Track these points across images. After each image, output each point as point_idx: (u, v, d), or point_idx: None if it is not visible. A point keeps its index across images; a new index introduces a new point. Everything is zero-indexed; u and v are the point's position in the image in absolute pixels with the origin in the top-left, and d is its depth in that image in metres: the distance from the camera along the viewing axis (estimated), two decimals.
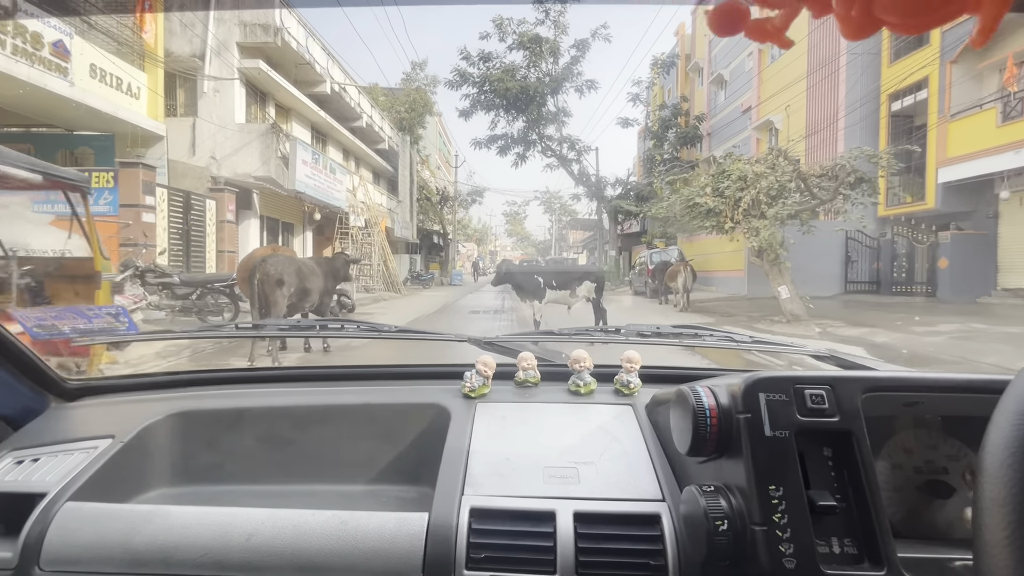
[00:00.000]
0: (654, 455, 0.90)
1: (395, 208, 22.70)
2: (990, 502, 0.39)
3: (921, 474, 0.76)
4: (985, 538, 0.39)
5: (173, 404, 1.10)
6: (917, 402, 0.74)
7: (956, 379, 0.71)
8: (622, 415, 1.02)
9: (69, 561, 0.78)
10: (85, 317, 1.38)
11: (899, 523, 0.74)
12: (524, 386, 1.14)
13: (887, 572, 0.62)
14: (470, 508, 0.80)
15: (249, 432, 1.08)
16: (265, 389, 1.22)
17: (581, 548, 0.75)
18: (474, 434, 0.96)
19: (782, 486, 0.66)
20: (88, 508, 0.83)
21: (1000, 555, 0.37)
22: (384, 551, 0.76)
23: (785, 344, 1.39)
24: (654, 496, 0.82)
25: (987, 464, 0.40)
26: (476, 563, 0.75)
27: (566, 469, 0.88)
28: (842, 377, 0.73)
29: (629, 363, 1.10)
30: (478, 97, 21.44)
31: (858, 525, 0.66)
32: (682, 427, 0.75)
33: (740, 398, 0.70)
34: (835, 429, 0.69)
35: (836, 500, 0.66)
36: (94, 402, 1.16)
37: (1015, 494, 0.37)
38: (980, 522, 0.39)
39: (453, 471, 0.87)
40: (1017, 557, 0.36)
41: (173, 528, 0.80)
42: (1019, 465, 0.38)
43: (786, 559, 0.62)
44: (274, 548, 0.77)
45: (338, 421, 1.09)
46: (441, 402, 1.07)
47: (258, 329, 1.74)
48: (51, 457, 0.94)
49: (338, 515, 0.81)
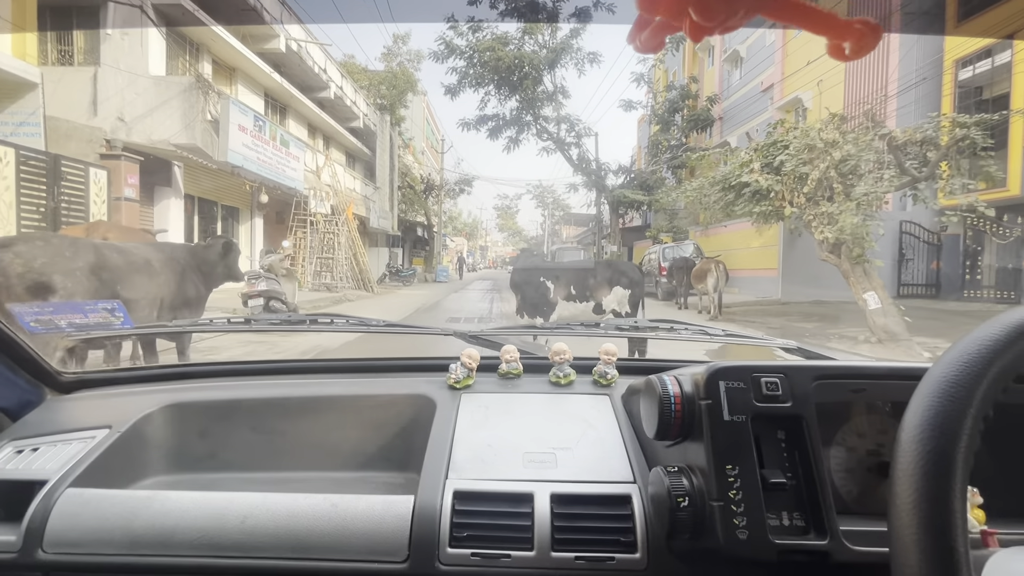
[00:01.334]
0: (627, 441, 0.95)
1: (372, 196, 20.13)
2: (901, 472, 0.43)
3: (872, 456, 0.80)
4: (896, 503, 0.43)
5: (168, 396, 1.12)
6: (863, 389, 0.80)
7: (896, 367, 0.79)
8: (599, 404, 1.06)
9: (71, 544, 0.81)
10: (81, 312, 1.35)
11: (852, 502, 0.78)
12: (507, 377, 1.17)
13: (829, 541, 0.67)
14: (454, 491, 0.83)
15: (242, 422, 1.10)
16: (257, 381, 1.23)
17: (557, 527, 0.79)
18: (458, 423, 1.00)
19: (738, 465, 0.70)
20: (89, 494, 0.86)
21: (908, 518, 0.41)
22: (372, 531, 0.80)
23: (757, 337, 1.49)
24: (626, 479, 0.87)
25: (902, 440, 0.45)
26: (459, 541, 0.79)
27: (544, 454, 0.92)
28: (795, 366, 0.78)
29: (607, 355, 1.13)
30: (466, 71, 18.87)
31: (806, 501, 0.71)
32: (650, 413, 0.78)
33: (702, 386, 0.75)
34: (788, 414, 0.74)
35: (787, 478, 0.71)
36: (90, 394, 1.18)
37: (921, 465, 0.42)
38: (893, 490, 0.44)
39: (438, 457, 0.91)
40: (920, 519, 0.41)
41: (171, 512, 0.83)
42: (926, 440, 0.42)
43: (739, 531, 0.67)
44: (268, 530, 0.80)
45: (328, 411, 1.12)
46: (427, 393, 1.10)
47: (248, 323, 1.59)
48: (50, 446, 0.96)
49: (328, 498, 0.84)
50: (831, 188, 7.12)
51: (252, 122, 10.40)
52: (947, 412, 0.43)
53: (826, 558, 0.67)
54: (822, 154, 7.11)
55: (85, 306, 1.38)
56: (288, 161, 12.17)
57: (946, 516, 0.40)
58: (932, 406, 0.44)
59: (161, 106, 9.25)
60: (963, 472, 0.41)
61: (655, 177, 21.26)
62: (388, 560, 0.79)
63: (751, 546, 0.67)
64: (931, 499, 0.41)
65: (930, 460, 0.42)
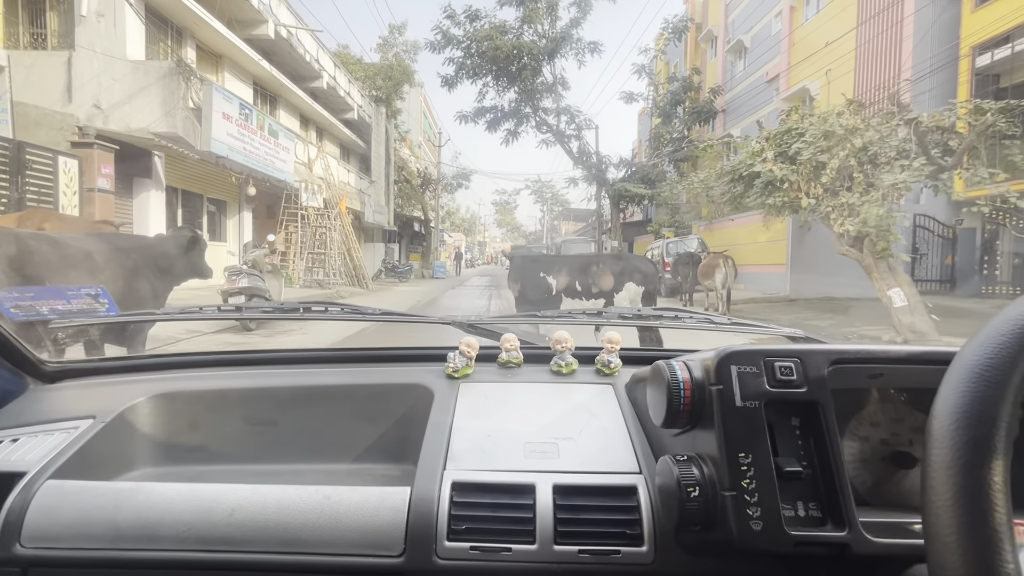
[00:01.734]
0: (632, 430, 0.92)
1: (367, 190, 19.64)
2: (937, 466, 0.40)
3: (887, 446, 0.76)
4: (932, 499, 0.40)
5: (155, 386, 1.08)
6: (880, 374, 0.75)
7: (915, 351, 0.72)
8: (602, 393, 1.03)
9: (51, 538, 0.77)
10: (64, 298, 1.31)
11: (866, 492, 0.75)
12: (507, 367, 1.14)
13: (848, 532, 0.63)
14: (452, 482, 0.80)
15: (232, 412, 1.07)
16: (248, 371, 1.19)
17: (560, 519, 0.76)
18: (457, 412, 0.97)
19: (751, 453, 0.66)
20: (70, 486, 0.82)
21: (946, 515, 0.38)
22: (366, 524, 0.77)
23: (762, 326, 1.40)
24: (631, 469, 0.84)
25: (934, 430, 0.41)
26: (457, 534, 0.75)
27: (546, 444, 0.89)
28: (810, 350, 0.73)
29: (610, 344, 1.10)
30: (464, 61, 18.33)
31: (822, 490, 0.67)
32: (657, 400, 0.75)
33: (713, 371, 0.71)
34: (803, 399, 0.69)
35: (802, 467, 0.67)
36: (74, 384, 1.13)
37: (959, 457, 0.39)
38: (928, 484, 0.41)
39: (436, 447, 0.88)
40: (961, 516, 0.38)
41: (156, 505, 0.80)
42: (963, 430, 0.39)
43: (753, 522, 0.63)
44: (257, 523, 0.77)
45: (322, 401, 1.08)
46: (425, 382, 1.07)
47: (239, 311, 1.57)
48: (31, 437, 0.92)
49: (321, 490, 0.81)
50: (851, 178, 6.68)
51: (237, 110, 9.90)
52: (983, 398, 0.39)
53: (845, 550, 0.63)
54: (841, 141, 6.66)
55: (67, 291, 1.32)
56: (277, 152, 11.67)
57: (989, 512, 0.37)
58: (966, 391, 0.40)
59: (140, 92, 8.75)
60: (1004, 463, 0.38)
61: (656, 171, 20.76)
62: (383, 554, 0.76)
63: (766, 538, 0.63)
64: (971, 494, 0.37)
65: (968, 451, 0.38)
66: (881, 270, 6.14)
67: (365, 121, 19.83)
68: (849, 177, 6.65)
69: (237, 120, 9.89)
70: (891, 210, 5.87)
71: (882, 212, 5.69)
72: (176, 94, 8.82)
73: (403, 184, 24.46)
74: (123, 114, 8.73)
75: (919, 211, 11.65)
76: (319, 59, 15.57)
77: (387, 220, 21.62)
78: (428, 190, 27.49)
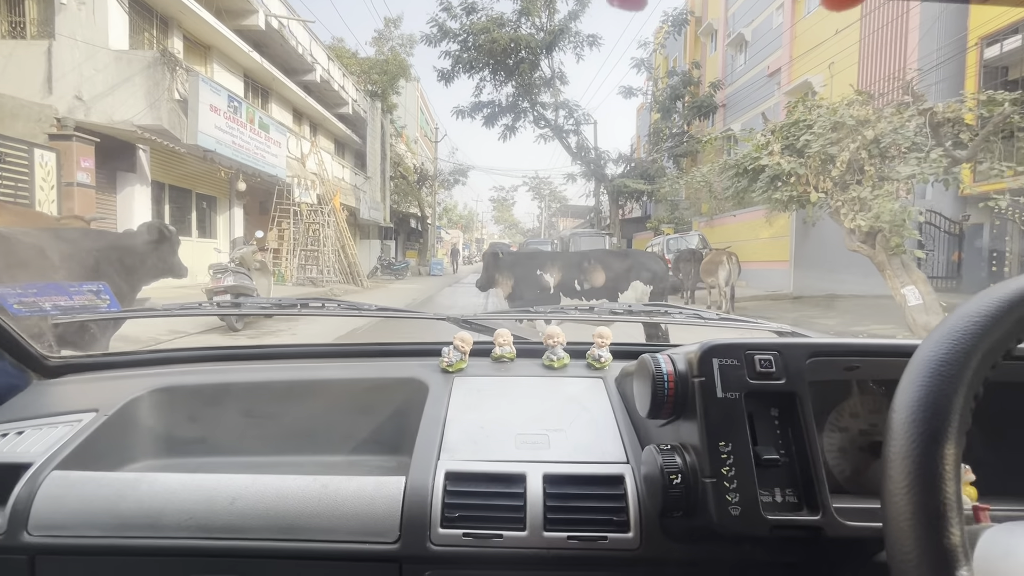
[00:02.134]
0: (621, 423, 0.94)
1: (363, 186, 19.31)
2: (893, 455, 0.42)
3: (865, 436, 0.79)
4: (889, 487, 0.42)
5: (156, 380, 1.09)
6: (857, 366, 0.78)
7: (890, 344, 0.77)
8: (592, 387, 1.05)
9: (57, 526, 0.79)
10: (66, 294, 1.32)
11: (844, 481, 0.77)
12: (500, 361, 1.16)
13: (822, 516, 0.66)
14: (445, 472, 0.82)
15: (232, 406, 1.09)
16: (246, 366, 1.21)
17: (549, 506, 0.78)
18: (451, 405, 0.99)
19: (731, 442, 0.68)
20: (75, 476, 0.84)
21: (902, 502, 0.41)
22: (363, 512, 0.79)
23: (752, 321, 1.40)
24: (619, 459, 0.86)
25: (893, 421, 0.43)
26: (451, 521, 0.78)
27: (537, 436, 0.91)
28: (789, 343, 0.76)
29: (600, 338, 1.12)
30: (460, 55, 18.00)
31: (799, 477, 0.69)
32: (643, 392, 0.77)
33: (696, 363, 0.73)
34: (781, 391, 0.72)
35: (780, 455, 0.69)
36: (76, 379, 1.15)
37: (914, 447, 0.41)
38: (886, 472, 0.43)
39: (430, 439, 0.90)
40: (915, 503, 0.40)
41: (159, 494, 0.81)
42: (918, 422, 0.41)
43: (732, 507, 0.66)
44: (257, 511, 0.79)
45: (319, 395, 1.10)
46: (419, 376, 1.09)
47: (237, 307, 1.54)
48: (35, 430, 0.94)
49: (319, 479, 0.83)
50: (862, 171, 6.42)
51: (226, 102, 9.58)
52: (938, 391, 0.42)
53: (818, 533, 0.66)
54: (852, 133, 6.40)
55: (69, 287, 1.34)
56: (268, 146, 11.35)
57: (940, 499, 0.40)
58: (923, 385, 0.42)
59: (123, 83, 8.43)
60: (956, 452, 0.40)
61: (656, 166, 20.49)
62: (379, 540, 0.78)
63: (744, 522, 0.66)
64: (924, 481, 0.40)
65: (922, 442, 0.41)
66: (895, 267, 5.89)
67: (360, 116, 19.48)
68: (860, 170, 6.39)
69: (225, 113, 9.57)
70: (906, 205, 5.61)
71: (896, 207, 5.44)
72: (161, 85, 8.50)
73: (399, 180, 24.11)
74: (106, 106, 8.41)
75: (925, 206, 11.41)
76: (312, 51, 15.21)
77: (383, 217, 21.29)
78: (425, 186, 27.15)
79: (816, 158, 6.67)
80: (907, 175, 5.44)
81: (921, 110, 5.77)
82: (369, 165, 19.87)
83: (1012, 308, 0.42)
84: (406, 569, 0.77)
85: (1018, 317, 0.42)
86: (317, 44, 15.80)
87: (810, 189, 6.76)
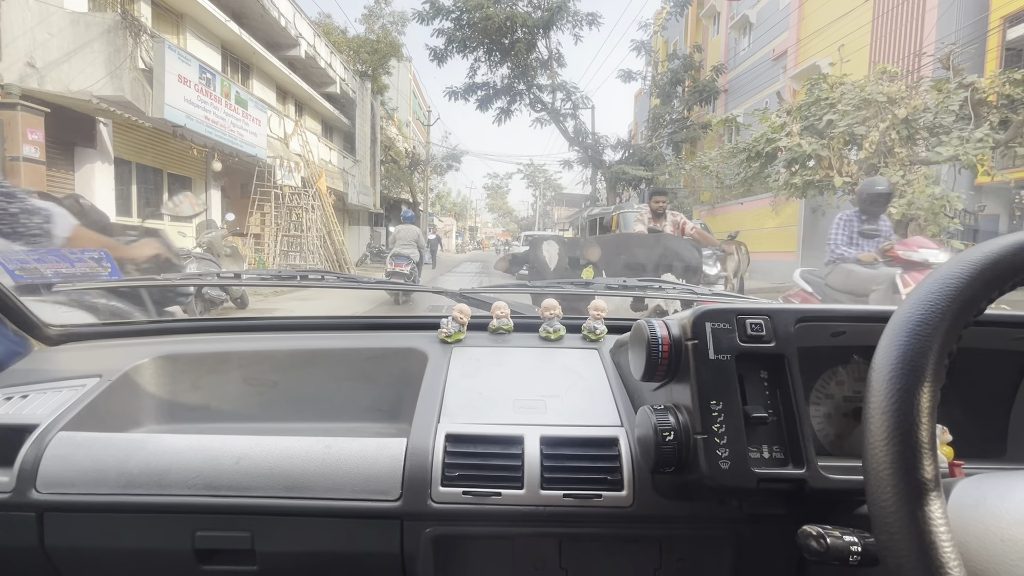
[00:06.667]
0: (615, 389, 0.98)
1: (351, 170, 18.53)
2: (873, 411, 0.44)
3: (850, 402, 0.82)
4: (869, 440, 0.44)
5: (157, 348, 1.11)
6: (843, 332, 0.80)
7: (874, 311, 0.78)
8: (587, 357, 1.08)
9: (65, 484, 0.81)
10: (68, 261, 1.31)
11: (829, 444, 0.81)
12: (498, 333, 1.18)
13: (807, 470, 0.69)
14: (445, 434, 0.85)
15: (234, 374, 1.11)
16: (248, 336, 1.23)
17: (546, 466, 0.81)
18: (450, 373, 1.01)
19: (722, 401, 0.71)
20: (81, 436, 0.86)
21: (880, 454, 0.43)
22: (365, 472, 0.82)
23: (744, 297, 1.43)
24: (613, 423, 0.90)
25: (871, 379, 0.46)
26: (451, 480, 0.80)
27: (534, 401, 0.94)
28: (778, 308, 0.78)
29: (596, 311, 1.14)
30: (454, 32, 17.19)
31: (785, 435, 0.72)
32: (638, 355, 0.78)
33: (689, 327, 0.75)
34: (771, 353, 0.74)
35: (768, 414, 0.72)
36: (78, 347, 1.16)
37: (892, 402, 0.43)
38: (866, 427, 0.45)
39: (430, 403, 0.93)
40: (893, 454, 0.42)
41: (166, 453, 0.83)
42: (895, 379, 0.44)
43: (722, 461, 0.69)
44: (262, 470, 0.81)
45: (320, 364, 1.12)
46: (419, 347, 1.11)
47: (238, 278, 1.66)
48: (40, 394, 0.96)
49: (322, 440, 0.85)
50: (891, 152, 5.87)
51: (197, 74, 8.82)
52: (914, 350, 0.44)
53: (803, 485, 0.69)
54: (881, 111, 5.84)
55: (71, 254, 1.32)
56: (246, 124, 10.59)
57: (916, 449, 0.42)
58: (899, 345, 0.45)
59: (81, 49, 7.65)
60: (931, 406, 0.43)
61: (655, 153, 19.86)
62: (382, 498, 0.80)
63: (732, 475, 0.68)
64: (902, 434, 0.42)
65: (899, 398, 0.43)
66: None
67: (349, 96, 18.62)
68: (889, 152, 5.84)
69: (196, 85, 8.81)
70: (945, 191, 5.06)
71: (936, 192, 4.89)
72: (122, 52, 7.73)
73: (390, 164, 23.29)
74: (62, 74, 7.64)
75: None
76: (296, 25, 14.34)
77: (373, 202, 20.53)
78: (417, 171, 26.33)
79: (840, 139, 6.11)
80: (948, 157, 4.87)
81: (964, 83, 5.19)
82: (358, 148, 19.07)
83: (981, 271, 0.44)
84: (407, 525, 0.80)
85: (987, 279, 0.44)
86: (302, 17, 14.92)
87: (833, 173, 6.20)
